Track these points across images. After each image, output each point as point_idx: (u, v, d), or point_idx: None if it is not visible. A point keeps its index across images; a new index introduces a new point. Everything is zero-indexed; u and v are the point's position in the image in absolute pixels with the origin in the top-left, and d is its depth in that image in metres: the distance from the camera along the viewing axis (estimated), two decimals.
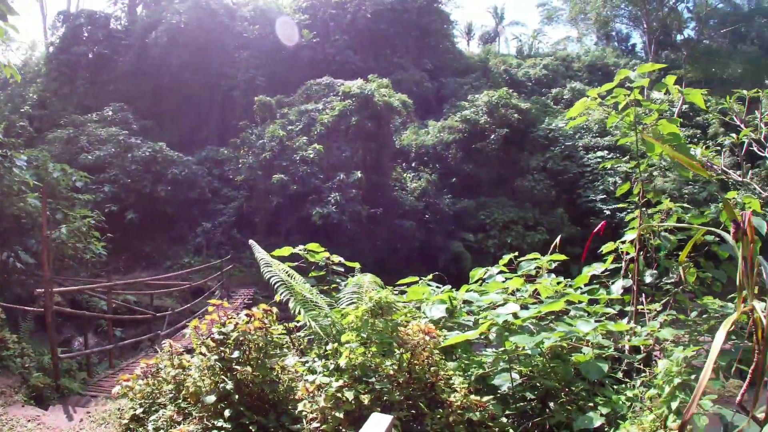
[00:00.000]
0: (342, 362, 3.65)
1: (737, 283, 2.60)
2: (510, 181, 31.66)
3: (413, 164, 32.48)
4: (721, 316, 4.70)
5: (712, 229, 3.06)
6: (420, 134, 33.50)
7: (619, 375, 4.31)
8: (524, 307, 4.06)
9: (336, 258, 5.51)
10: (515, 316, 3.74)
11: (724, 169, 8.97)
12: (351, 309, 4.08)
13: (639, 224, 4.53)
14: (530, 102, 35.86)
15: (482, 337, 4.09)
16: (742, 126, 9.59)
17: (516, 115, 31.82)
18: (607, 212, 26.02)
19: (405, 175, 30.76)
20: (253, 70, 34.98)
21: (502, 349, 3.83)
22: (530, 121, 32.68)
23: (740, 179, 9.51)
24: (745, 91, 9.37)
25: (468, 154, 31.61)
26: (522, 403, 3.98)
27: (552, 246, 5.46)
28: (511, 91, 34.27)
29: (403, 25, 43.08)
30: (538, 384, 3.97)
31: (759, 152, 10.24)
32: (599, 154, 31.01)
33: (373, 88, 28.15)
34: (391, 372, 3.66)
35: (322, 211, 24.37)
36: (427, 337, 3.64)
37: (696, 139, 30.58)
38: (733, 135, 9.65)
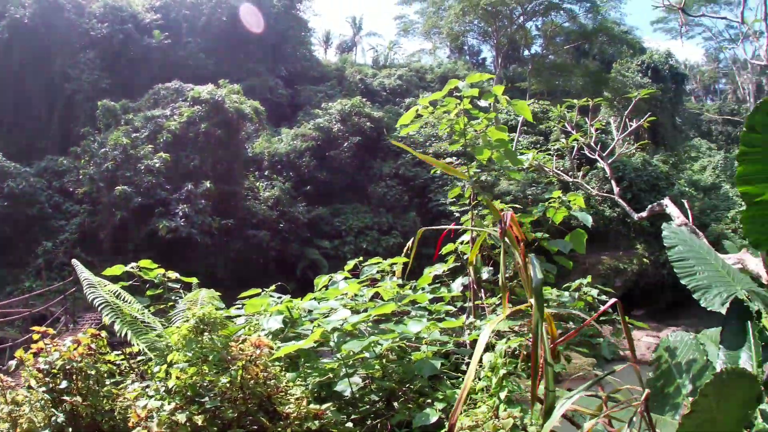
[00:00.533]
0: (171, 384, 3.49)
1: (500, 282, 2.77)
2: (364, 187, 32.31)
3: (266, 173, 31.86)
4: (558, 305, 5.07)
5: (486, 229, 3.25)
6: (273, 142, 33.05)
7: (464, 368, 4.48)
8: (364, 311, 4.11)
9: (172, 274, 5.24)
10: (345, 321, 3.78)
11: (555, 171, 9.80)
12: (174, 329, 3.94)
13: (471, 225, 4.75)
14: (384, 111, 36.71)
15: (317, 345, 4.10)
16: (573, 132, 10.56)
17: (369, 123, 32.50)
18: (458, 214, 27.10)
19: (258, 184, 30.14)
20: (99, 72, 32.60)
21: (341, 354, 3.86)
22: (383, 129, 33.40)
23: (571, 180, 10.49)
24: (575, 101, 10.33)
25: (322, 162, 31.73)
26: (367, 406, 4.03)
27: (405, 248, 5.58)
28: (364, 100, 34.97)
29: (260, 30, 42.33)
30: (384, 385, 4.04)
31: (590, 155, 11.35)
32: (448, 160, 32.46)
33: (223, 94, 27.27)
34: (225, 389, 3.55)
35: (169, 224, 23.22)
36: (258, 350, 3.57)
37: (539, 145, 32.96)
38: (563, 141, 10.64)
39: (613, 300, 2.72)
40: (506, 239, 2.75)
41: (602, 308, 2.94)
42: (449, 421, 2.10)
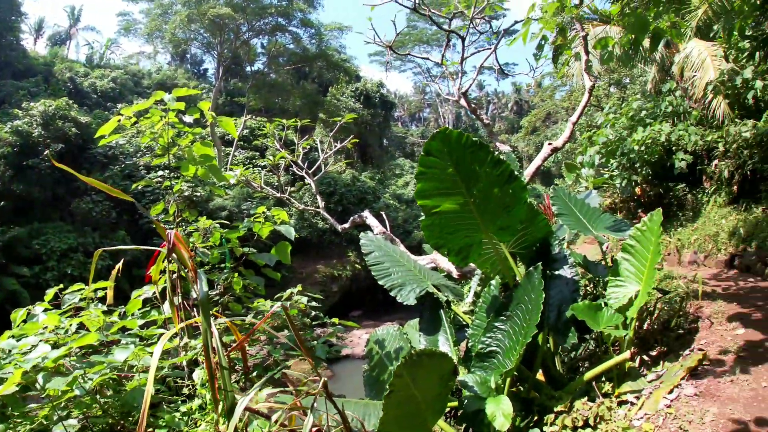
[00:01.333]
0: None
1: (168, 295, 2.86)
2: (67, 202, 28.47)
3: None
4: (273, 315, 5.22)
5: (158, 248, 3.32)
6: None
7: (185, 391, 4.36)
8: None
9: None
10: (45, 358, 3.44)
11: (263, 185, 10.17)
12: None
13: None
14: (92, 116, 33.06)
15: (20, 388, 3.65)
16: (283, 149, 11.05)
17: (74, 129, 28.80)
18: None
19: None
20: None
21: (51, 395, 3.50)
22: (90, 137, 29.51)
23: (279, 195, 10.99)
24: (284, 121, 10.84)
25: (19, 173, 27.10)
26: None
27: (113, 272, 5.20)
28: (72, 102, 30.91)
29: None
30: (102, 423, 3.75)
31: (297, 171, 12.04)
32: (160, 173, 30.64)
33: None
34: None
35: None
36: None
37: (254, 160, 33.39)
38: (272, 157, 11.15)
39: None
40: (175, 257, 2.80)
41: (268, 314, 3.12)
42: None
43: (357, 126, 38.77)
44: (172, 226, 4.84)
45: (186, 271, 3.38)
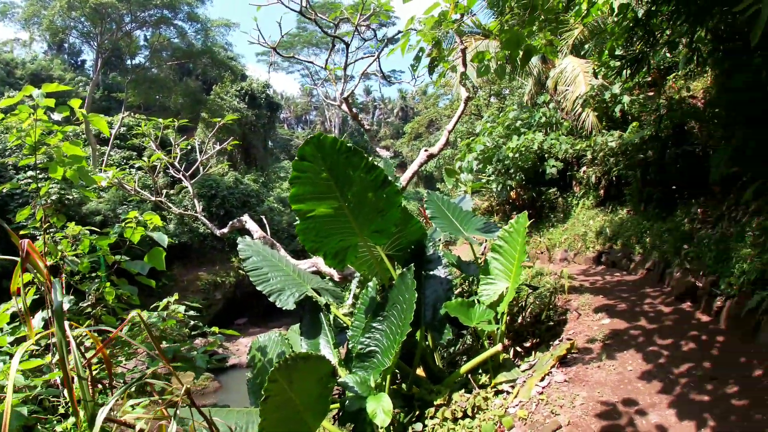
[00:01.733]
0: None
1: (24, 308, 2.79)
2: None
3: None
4: (149, 325, 5.03)
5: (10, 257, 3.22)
6: None
7: (61, 411, 4.14)
8: None
9: None
10: None
11: (137, 188, 9.78)
12: None
13: (44, 250, 4.40)
14: None
15: None
16: (158, 149, 10.69)
17: None
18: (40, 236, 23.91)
19: None
20: None
21: None
22: None
23: (154, 199, 10.60)
24: (161, 120, 10.49)
25: None
26: None
27: None
28: None
29: None
30: None
31: (175, 174, 11.68)
32: (30, 173, 28.50)
33: None
34: None
35: None
36: None
37: (131, 160, 31.57)
38: (146, 159, 10.71)
39: None
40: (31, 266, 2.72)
41: (125, 321, 3.08)
42: None
43: (241, 127, 37.88)
44: (39, 233, 4.57)
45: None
